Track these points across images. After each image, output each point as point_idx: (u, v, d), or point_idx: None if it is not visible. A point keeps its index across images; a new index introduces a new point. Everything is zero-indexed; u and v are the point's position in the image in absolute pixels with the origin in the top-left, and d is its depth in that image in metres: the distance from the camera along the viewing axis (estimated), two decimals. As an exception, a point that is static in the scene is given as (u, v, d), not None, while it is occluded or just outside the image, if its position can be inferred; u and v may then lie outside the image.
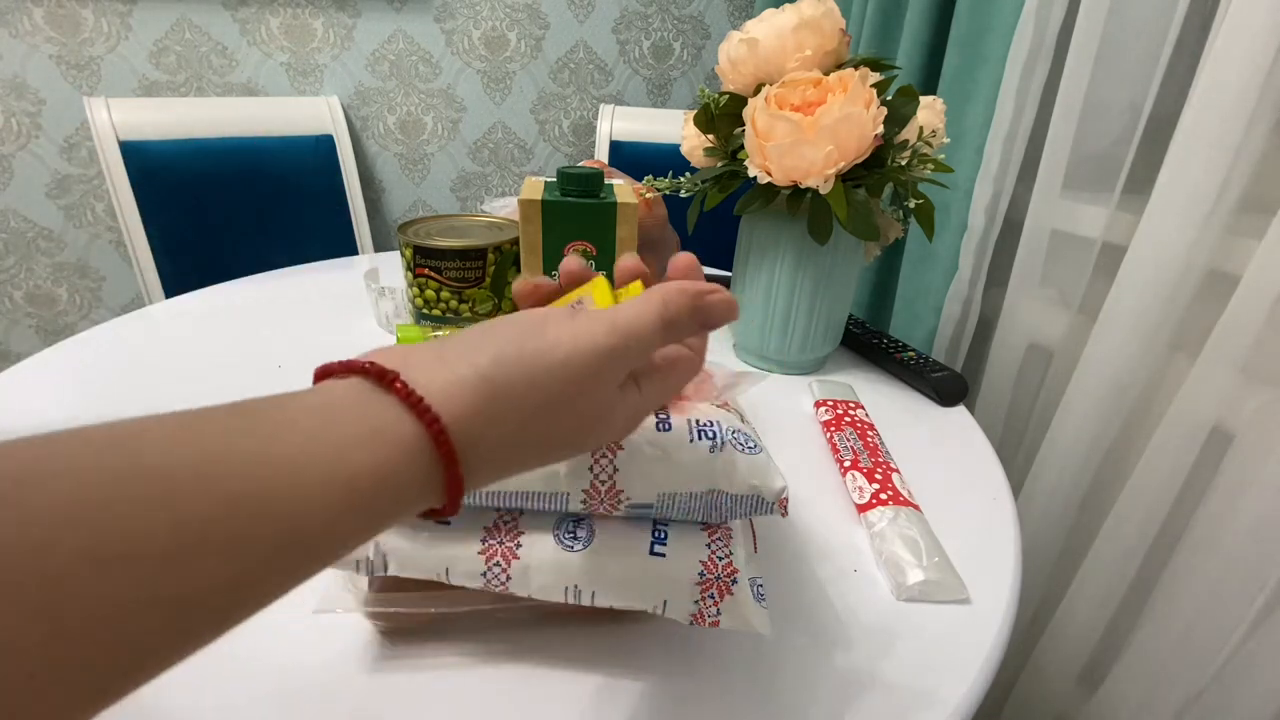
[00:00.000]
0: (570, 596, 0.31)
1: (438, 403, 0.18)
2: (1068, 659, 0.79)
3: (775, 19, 0.57)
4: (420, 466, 0.18)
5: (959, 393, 0.63)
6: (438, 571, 0.31)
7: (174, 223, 1.17)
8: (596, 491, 0.31)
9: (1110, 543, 0.72)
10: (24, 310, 1.33)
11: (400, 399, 0.18)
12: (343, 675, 0.33)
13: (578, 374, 0.21)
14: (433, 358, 0.20)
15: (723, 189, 0.60)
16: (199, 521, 0.14)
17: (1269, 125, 0.58)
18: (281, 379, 0.60)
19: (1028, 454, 0.84)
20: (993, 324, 0.88)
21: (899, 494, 0.46)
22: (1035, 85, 0.78)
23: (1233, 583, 0.60)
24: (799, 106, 0.53)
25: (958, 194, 0.86)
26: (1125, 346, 0.68)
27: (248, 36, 1.26)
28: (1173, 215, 0.63)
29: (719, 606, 0.31)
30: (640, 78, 1.53)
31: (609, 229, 0.52)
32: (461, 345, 0.21)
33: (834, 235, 0.57)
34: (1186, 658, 0.65)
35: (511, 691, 0.33)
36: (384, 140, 1.43)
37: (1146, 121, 0.69)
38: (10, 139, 1.20)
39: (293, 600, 0.36)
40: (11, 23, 1.13)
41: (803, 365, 0.66)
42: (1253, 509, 0.59)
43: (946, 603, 0.39)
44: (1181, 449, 0.64)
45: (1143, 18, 0.69)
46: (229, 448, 0.16)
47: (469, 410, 0.19)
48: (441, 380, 0.19)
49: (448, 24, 1.36)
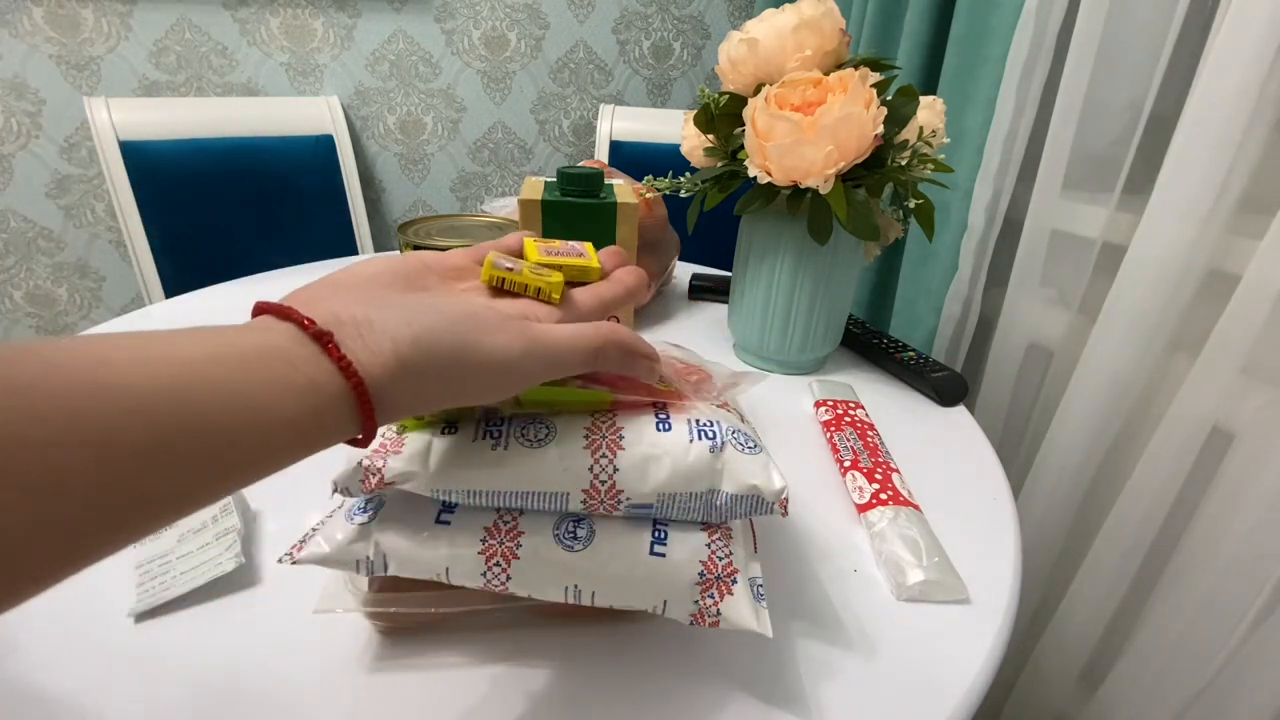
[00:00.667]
0: (570, 596, 0.31)
1: (362, 367, 0.22)
2: (1068, 659, 0.79)
3: (775, 19, 0.57)
4: (344, 413, 0.22)
5: (959, 393, 0.63)
6: (438, 571, 0.31)
7: (174, 223, 1.17)
8: (596, 491, 0.31)
9: (1110, 543, 0.72)
10: (24, 310, 1.33)
11: (334, 361, 0.22)
12: (343, 675, 0.33)
13: (489, 376, 0.25)
14: (363, 323, 0.23)
15: (723, 189, 0.60)
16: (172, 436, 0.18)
17: (1269, 125, 0.58)
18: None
19: (1028, 454, 0.84)
20: (993, 324, 0.88)
21: (899, 494, 0.46)
22: (1035, 85, 0.78)
23: (1233, 583, 0.60)
24: (799, 106, 0.53)
25: (958, 194, 0.86)
26: (1125, 346, 0.68)
27: (248, 36, 1.26)
28: (1173, 215, 0.63)
29: (719, 606, 0.31)
30: (640, 78, 1.53)
31: (609, 229, 0.52)
32: (392, 317, 0.23)
33: (834, 235, 0.57)
34: (1186, 658, 0.65)
35: (511, 691, 0.33)
36: (384, 140, 1.43)
37: (1146, 121, 0.69)
38: (10, 139, 1.20)
39: (293, 600, 0.36)
40: (11, 23, 1.13)
41: (803, 365, 0.66)
42: (1253, 509, 0.59)
43: (946, 603, 0.39)
44: (1181, 449, 0.64)
45: (1143, 18, 0.69)
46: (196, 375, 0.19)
47: (386, 377, 0.23)
48: (368, 351, 0.22)
49: (448, 24, 1.36)
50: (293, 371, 0.21)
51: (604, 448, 0.31)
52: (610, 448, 0.31)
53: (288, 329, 0.22)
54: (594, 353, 0.27)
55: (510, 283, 0.29)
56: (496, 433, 0.32)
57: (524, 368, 0.25)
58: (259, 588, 0.38)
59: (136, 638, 0.34)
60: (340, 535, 0.31)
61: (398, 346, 0.23)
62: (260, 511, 0.43)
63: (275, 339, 0.22)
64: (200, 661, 0.33)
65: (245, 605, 0.37)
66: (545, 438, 0.31)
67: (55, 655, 0.33)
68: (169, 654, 0.34)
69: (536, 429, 0.32)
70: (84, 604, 0.36)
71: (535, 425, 0.32)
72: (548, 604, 0.32)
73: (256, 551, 0.40)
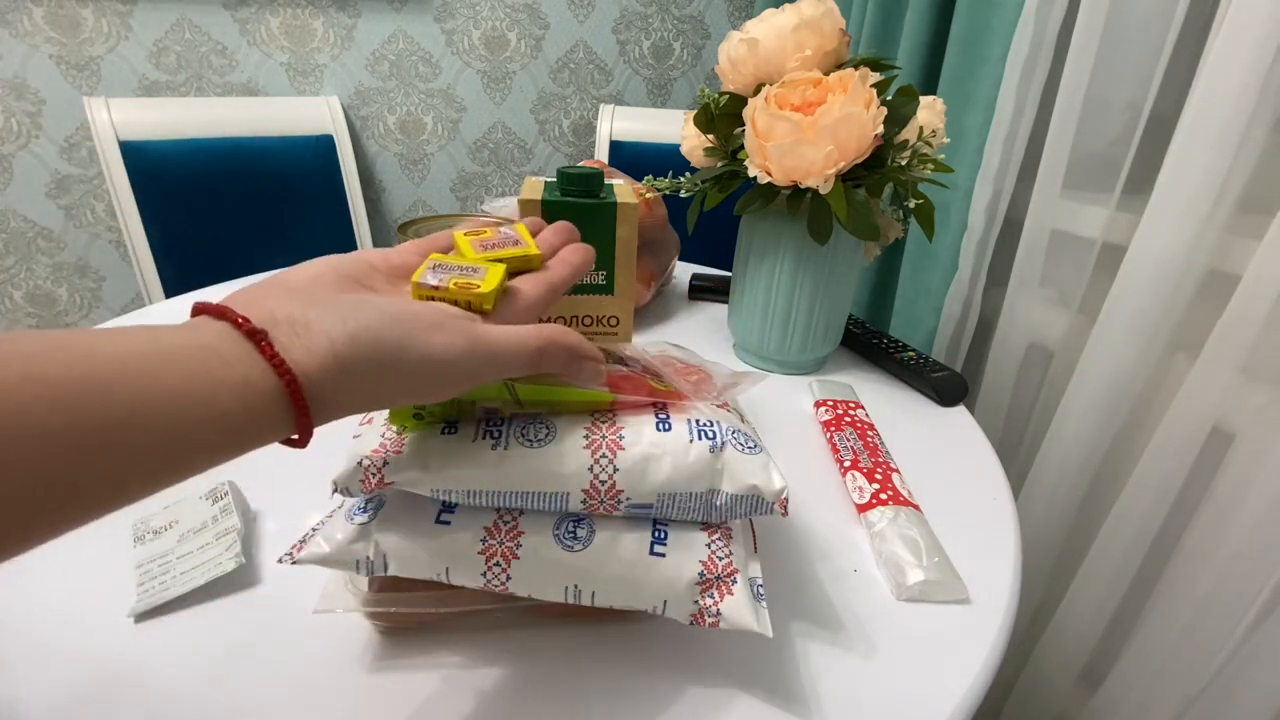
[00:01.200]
0: (570, 596, 0.31)
1: (297, 365, 0.22)
2: (1068, 659, 0.79)
3: (775, 19, 0.57)
4: (278, 411, 0.22)
5: (959, 393, 0.63)
6: (438, 571, 0.31)
7: (174, 223, 1.17)
8: (596, 491, 0.31)
9: (1110, 543, 0.72)
10: (24, 310, 1.33)
11: (266, 359, 0.22)
12: (343, 675, 0.33)
13: (430, 375, 0.25)
14: (300, 322, 0.23)
15: (723, 189, 0.60)
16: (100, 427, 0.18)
17: (1269, 125, 0.58)
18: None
19: (1028, 454, 0.84)
20: (993, 324, 0.88)
21: (899, 494, 0.46)
22: (1035, 85, 0.78)
23: (1233, 582, 0.60)
24: (799, 106, 0.53)
25: (958, 194, 0.86)
26: (1125, 346, 0.68)
27: (248, 36, 1.26)
28: (1173, 215, 0.63)
29: (719, 606, 0.31)
30: (640, 78, 1.53)
31: (609, 229, 0.52)
32: (327, 317, 0.23)
33: (834, 235, 0.57)
34: (1186, 658, 0.65)
35: (511, 691, 0.33)
36: (384, 140, 1.43)
37: (1146, 121, 0.69)
38: (10, 139, 1.20)
39: (293, 600, 0.36)
40: (11, 23, 1.13)
41: (803, 365, 0.66)
42: (1253, 509, 0.59)
43: (946, 603, 0.39)
44: (1181, 449, 0.64)
45: (1143, 18, 0.69)
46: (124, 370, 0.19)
47: (321, 375, 0.22)
48: (302, 349, 0.22)
49: (448, 24, 1.36)
50: (225, 367, 0.21)
51: (604, 448, 0.31)
52: (610, 448, 0.31)
53: (222, 328, 0.22)
54: (537, 353, 0.27)
55: (440, 300, 0.27)
56: (496, 433, 0.32)
57: (465, 367, 0.25)
58: (259, 588, 0.38)
59: (136, 638, 0.34)
60: (340, 535, 0.31)
61: (334, 345, 0.23)
62: (260, 511, 0.43)
63: (207, 337, 0.22)
64: (200, 661, 0.33)
65: (245, 605, 0.37)
66: (545, 438, 0.31)
67: (55, 655, 0.33)
68: (169, 654, 0.34)
69: (536, 429, 0.32)
70: (84, 604, 0.36)
71: (535, 425, 0.32)
72: (548, 604, 0.32)
73: (256, 551, 0.40)
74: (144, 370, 0.20)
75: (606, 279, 0.52)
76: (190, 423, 0.20)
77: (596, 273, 0.51)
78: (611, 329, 0.53)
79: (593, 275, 0.51)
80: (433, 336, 0.24)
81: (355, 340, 0.23)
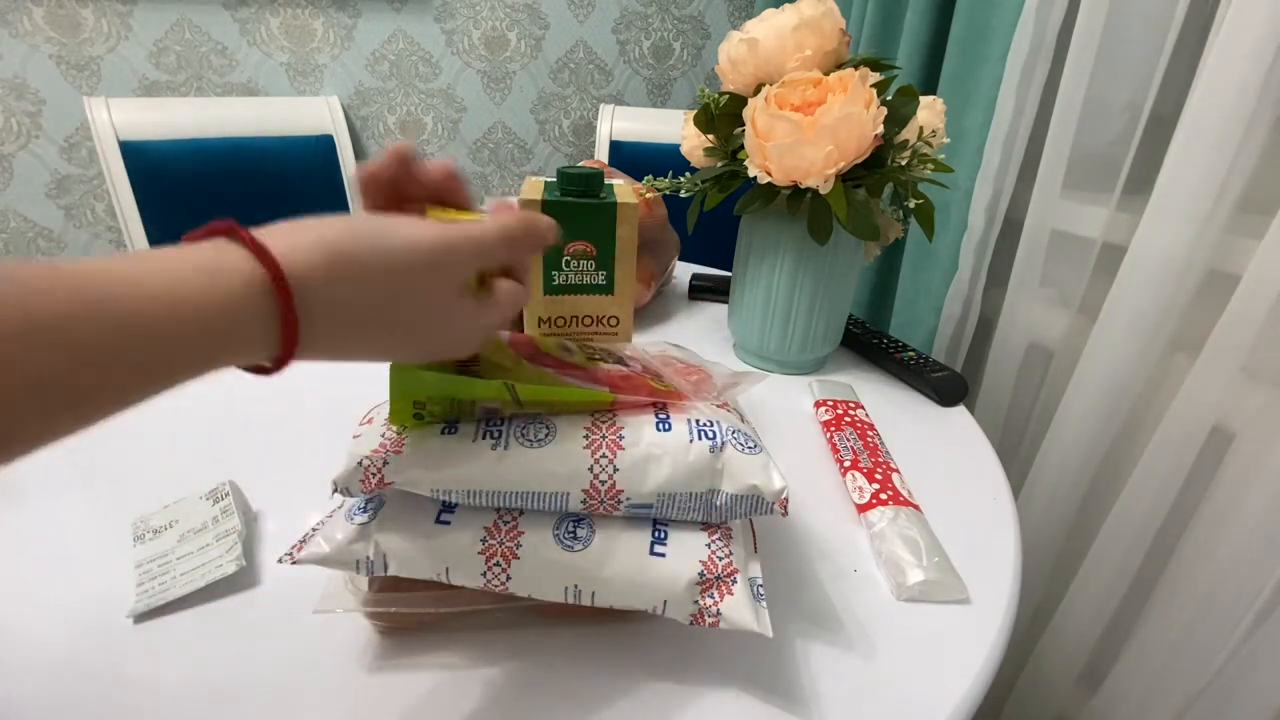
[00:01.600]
0: (570, 596, 0.31)
1: (280, 253, 0.21)
2: (1068, 659, 0.79)
3: (775, 19, 0.57)
4: (261, 305, 0.21)
5: (959, 393, 0.63)
6: (438, 571, 0.31)
7: (174, 223, 1.17)
8: (596, 491, 0.31)
9: (1110, 543, 0.72)
10: (24, 310, 1.33)
11: (245, 244, 0.21)
12: (343, 675, 0.33)
13: (418, 259, 0.25)
14: (287, 228, 0.23)
15: (723, 189, 0.59)
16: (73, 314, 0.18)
17: (1269, 125, 0.58)
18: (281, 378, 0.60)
19: (1028, 454, 0.84)
20: (993, 324, 0.88)
21: (899, 494, 0.46)
22: (1035, 85, 0.78)
23: (1233, 582, 0.60)
24: (799, 106, 0.53)
25: (958, 194, 0.86)
26: (1125, 346, 0.68)
27: (248, 36, 1.26)
28: (1173, 215, 0.63)
29: (719, 606, 0.31)
30: (640, 78, 1.53)
31: (609, 229, 0.52)
32: (314, 222, 0.24)
33: (834, 235, 0.57)
34: (1186, 658, 0.65)
35: (511, 691, 0.33)
36: (384, 140, 1.43)
37: (1146, 121, 0.69)
38: (10, 139, 1.20)
39: (293, 600, 0.36)
40: (11, 23, 1.13)
41: (803, 365, 0.66)
42: (1253, 509, 0.59)
43: (946, 603, 0.39)
44: (1182, 449, 0.64)
45: (1143, 17, 0.69)
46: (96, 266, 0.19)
47: (308, 265, 0.22)
48: (288, 241, 0.22)
49: (448, 24, 1.36)
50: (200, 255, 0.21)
51: (604, 448, 0.31)
52: (610, 448, 0.31)
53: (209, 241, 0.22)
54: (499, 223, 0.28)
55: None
56: (496, 433, 0.32)
57: (445, 261, 0.26)
58: (259, 588, 0.38)
59: (136, 638, 0.34)
60: (340, 535, 0.31)
61: (322, 237, 0.23)
62: (260, 512, 0.43)
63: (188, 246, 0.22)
64: (200, 662, 0.33)
65: (245, 605, 0.37)
66: (545, 438, 0.31)
67: (55, 655, 0.33)
68: (169, 654, 0.34)
69: (536, 429, 0.32)
70: (84, 604, 0.36)
71: (535, 425, 0.32)
72: (548, 604, 0.32)
73: (257, 551, 0.40)
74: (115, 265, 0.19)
75: (606, 279, 0.52)
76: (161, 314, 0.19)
77: (596, 273, 0.51)
78: (611, 329, 0.53)
79: (593, 275, 0.51)
80: (407, 228, 0.25)
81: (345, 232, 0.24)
